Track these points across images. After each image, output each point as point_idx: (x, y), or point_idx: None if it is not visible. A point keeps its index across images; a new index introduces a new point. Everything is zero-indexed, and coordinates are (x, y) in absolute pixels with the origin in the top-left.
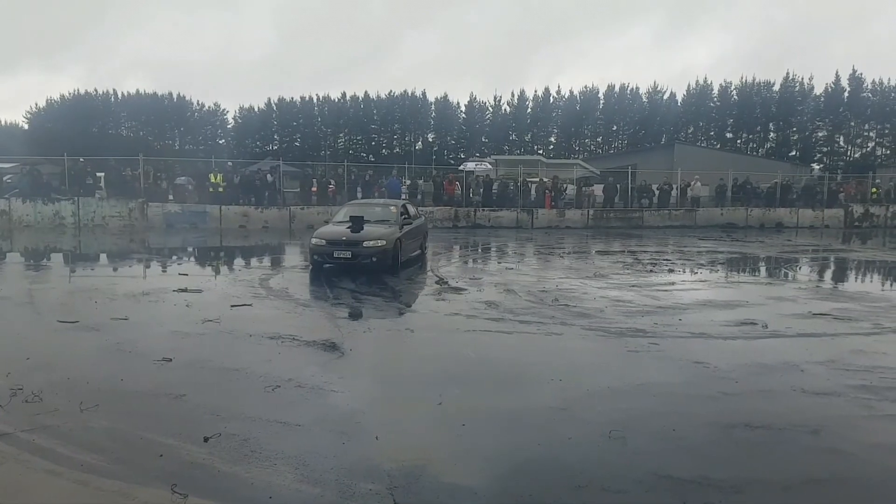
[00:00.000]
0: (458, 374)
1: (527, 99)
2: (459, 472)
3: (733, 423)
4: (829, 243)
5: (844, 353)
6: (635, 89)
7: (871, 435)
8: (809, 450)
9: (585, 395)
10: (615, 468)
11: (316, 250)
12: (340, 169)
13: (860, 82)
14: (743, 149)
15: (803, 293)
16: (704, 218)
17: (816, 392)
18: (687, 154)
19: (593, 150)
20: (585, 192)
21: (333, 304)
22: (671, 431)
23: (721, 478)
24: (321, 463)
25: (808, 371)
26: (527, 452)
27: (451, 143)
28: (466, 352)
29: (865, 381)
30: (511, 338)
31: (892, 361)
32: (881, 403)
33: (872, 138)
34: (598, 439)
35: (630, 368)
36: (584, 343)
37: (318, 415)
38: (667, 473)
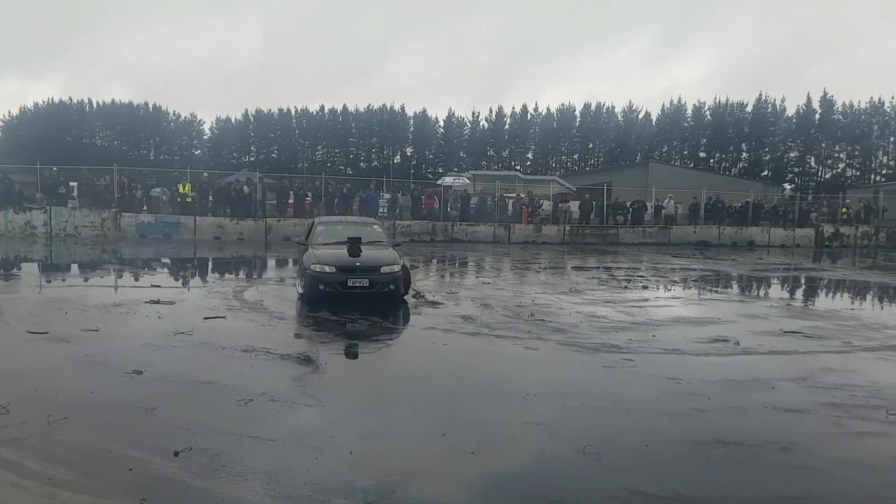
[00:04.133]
0: (433, 388)
1: (505, 115)
2: (434, 487)
3: (705, 440)
4: (800, 262)
5: (815, 371)
6: (611, 108)
7: (841, 452)
8: (780, 467)
9: (560, 411)
10: (589, 484)
11: (323, 279)
12: (318, 181)
13: (831, 105)
14: (716, 168)
15: (775, 311)
16: (678, 235)
17: (787, 409)
18: (661, 172)
19: (570, 166)
20: (562, 209)
21: (308, 317)
22: (644, 447)
23: (693, 494)
24: (293, 478)
25: (779, 388)
26: (502, 468)
27: (430, 157)
28: (442, 366)
29: (835, 399)
30: (487, 353)
31: (861, 379)
32: (851, 421)
33: (843, 159)
34: (573, 455)
35: (604, 384)
36: (560, 358)
37: (292, 429)
38: (640, 489)
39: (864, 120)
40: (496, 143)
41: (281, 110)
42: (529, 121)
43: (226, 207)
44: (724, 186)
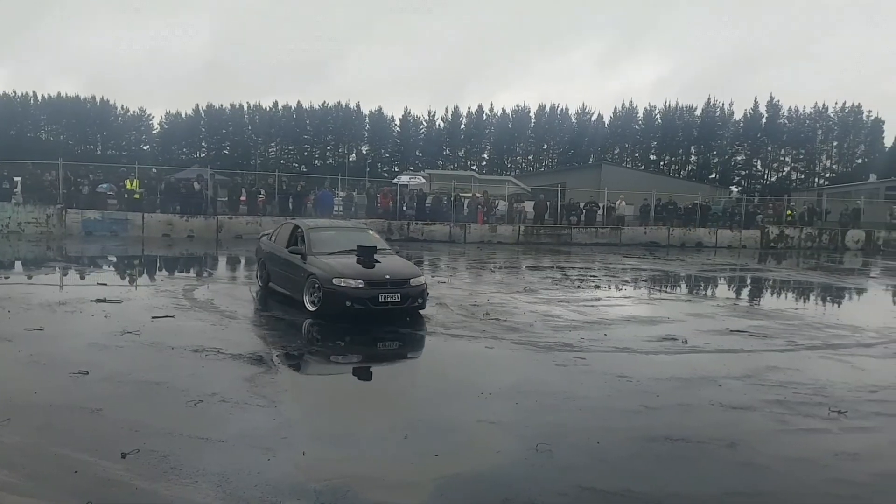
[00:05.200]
0: (388, 387)
1: (461, 115)
2: (388, 487)
3: (654, 437)
4: (746, 263)
5: (760, 369)
6: (565, 110)
7: (784, 448)
8: (726, 463)
9: (514, 409)
10: (541, 481)
11: (351, 295)
12: (271, 179)
13: (777, 109)
14: (666, 170)
15: (721, 310)
16: (629, 236)
17: (733, 406)
18: (613, 174)
19: (525, 167)
20: (517, 209)
21: (260, 316)
22: (596, 444)
23: (643, 490)
24: (245, 480)
25: (726, 386)
26: (456, 467)
27: (386, 156)
28: (398, 366)
29: (780, 397)
30: (443, 352)
31: (804, 377)
32: (794, 418)
33: (788, 163)
34: (526, 453)
35: (558, 382)
36: (515, 357)
37: (243, 430)
38: (591, 486)
39: (809, 125)
40: (452, 142)
41: (233, 106)
42: (485, 121)
43: (175, 204)
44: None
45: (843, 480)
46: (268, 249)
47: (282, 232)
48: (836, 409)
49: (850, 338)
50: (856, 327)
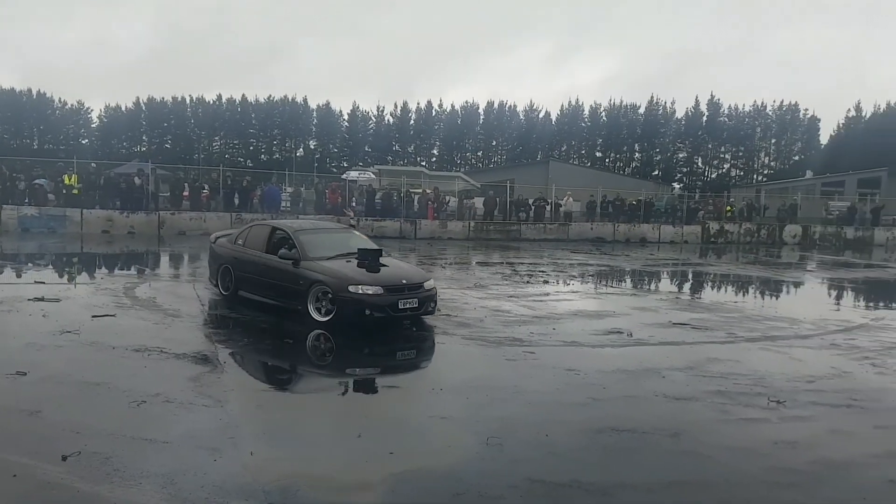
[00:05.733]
0: (336, 384)
1: (410, 111)
2: (338, 485)
3: (602, 428)
4: (688, 258)
5: (702, 361)
6: (513, 107)
7: (726, 438)
8: (671, 453)
9: (465, 404)
10: (492, 475)
11: (371, 303)
12: (215, 173)
13: (718, 107)
14: (611, 167)
15: (664, 304)
16: (576, 232)
17: (677, 397)
18: (561, 171)
19: (474, 163)
20: (467, 205)
21: (205, 313)
22: (545, 437)
23: (591, 481)
24: (191, 481)
25: (669, 377)
26: (407, 462)
27: (334, 151)
28: (349, 362)
29: (721, 387)
30: (389, 347)
31: (744, 368)
32: (735, 408)
33: (728, 160)
34: (477, 447)
35: (508, 377)
36: (465, 352)
37: (188, 431)
38: (540, 478)
39: (748, 122)
40: (401, 138)
41: (175, 99)
42: (434, 117)
43: (115, 200)
44: (618, 185)
45: (783, 468)
46: (234, 254)
47: (253, 235)
48: (775, 399)
49: (788, 330)
50: (793, 319)
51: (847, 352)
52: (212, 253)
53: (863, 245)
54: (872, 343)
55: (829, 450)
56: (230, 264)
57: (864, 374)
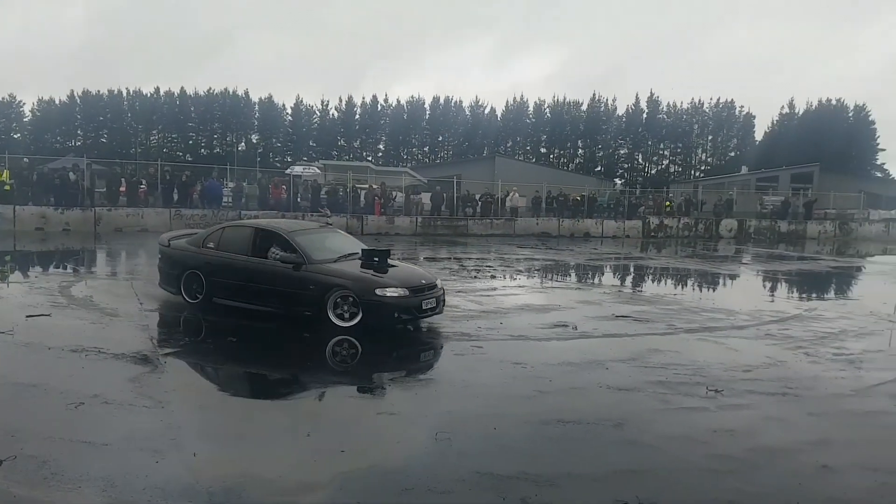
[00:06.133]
0: (278, 381)
1: (355, 105)
2: (286, 485)
3: (548, 420)
4: (630, 252)
5: (643, 352)
6: (459, 102)
7: (667, 427)
8: (614, 442)
9: (413, 399)
10: (441, 469)
11: (400, 305)
12: (153, 168)
13: (657, 105)
14: (556, 163)
15: (607, 297)
16: (522, 227)
17: (620, 388)
18: (506, 166)
19: (421, 158)
20: (414, 200)
21: (144, 312)
22: (493, 430)
23: (538, 472)
24: (132, 484)
25: (613, 369)
26: (356, 459)
27: (277, 145)
28: (294, 360)
29: (662, 378)
30: (342, 344)
31: (683, 359)
32: (675, 397)
33: (666, 156)
34: (426, 442)
35: (456, 371)
36: (413, 348)
37: (128, 432)
38: (488, 471)
39: (686, 119)
40: (347, 133)
41: (111, 92)
42: (380, 112)
43: (49, 196)
44: (563, 181)
45: (721, 456)
46: (204, 259)
47: (228, 237)
48: (714, 388)
49: (725, 321)
50: (730, 311)
51: (781, 341)
52: (167, 257)
53: (796, 238)
54: (805, 333)
55: (765, 437)
56: (199, 269)
57: (798, 363)
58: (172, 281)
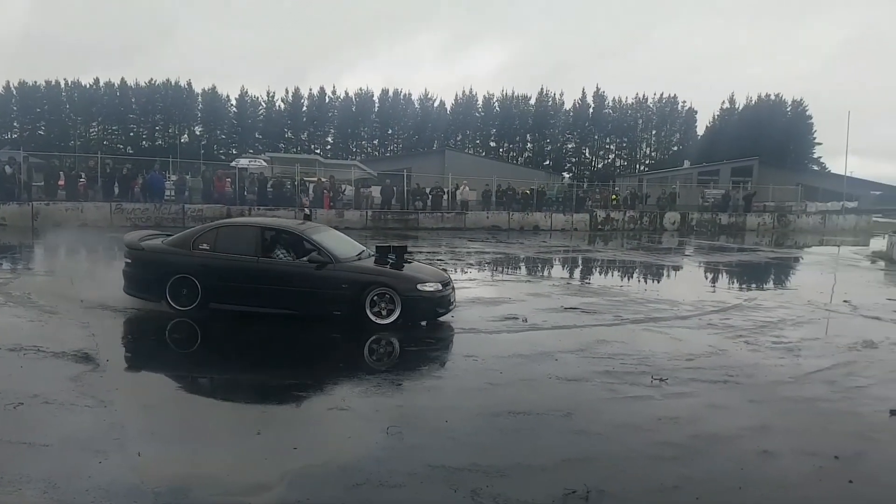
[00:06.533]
0: (225, 379)
1: (302, 97)
2: (235, 484)
3: (499, 412)
4: (578, 245)
5: (591, 343)
6: (408, 95)
7: (614, 416)
8: (564, 432)
9: (363, 394)
10: (392, 463)
11: (435, 300)
12: (93, 161)
13: (603, 99)
14: (505, 157)
15: (556, 289)
16: (473, 221)
17: (568, 379)
18: (456, 160)
19: (370, 151)
20: (364, 194)
21: (85, 310)
22: (444, 423)
23: (489, 464)
24: (74, 485)
25: (562, 360)
26: (305, 455)
27: (222, 137)
28: (233, 355)
29: (609, 368)
30: (286, 339)
31: (630, 349)
32: (622, 387)
33: (612, 150)
34: (377, 436)
35: (406, 365)
36: (362, 342)
37: (70, 433)
38: (440, 464)
39: (631, 114)
40: (294, 125)
41: (49, 82)
42: (328, 104)
43: None
44: (512, 175)
45: (666, 443)
46: (199, 262)
47: (226, 238)
48: (658, 377)
49: (669, 311)
50: (674, 302)
51: (723, 331)
52: (143, 261)
53: (736, 230)
54: (745, 322)
55: (708, 424)
56: (192, 274)
57: (739, 351)
58: (152, 287)
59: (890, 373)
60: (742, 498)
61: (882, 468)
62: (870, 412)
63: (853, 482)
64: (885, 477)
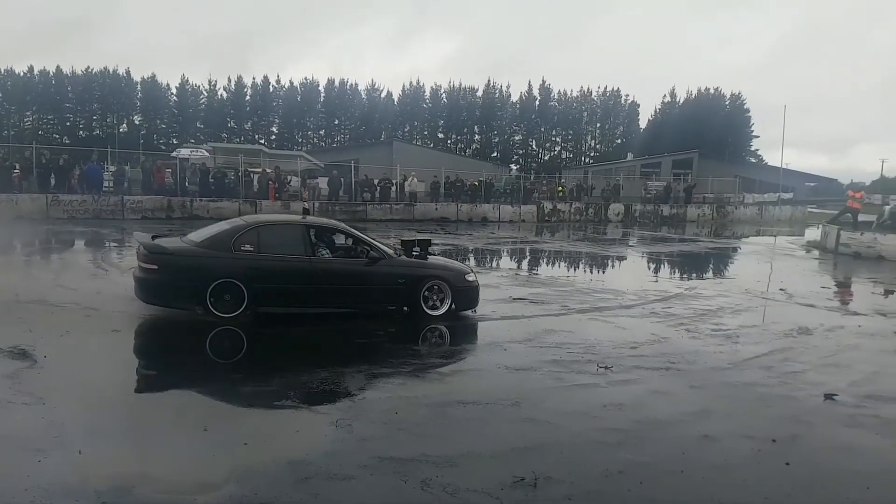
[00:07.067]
0: (168, 376)
1: (245, 86)
2: (177, 481)
3: (448, 402)
4: (525, 236)
5: (539, 333)
6: (354, 85)
7: (561, 403)
8: (512, 421)
9: (310, 387)
10: (342, 456)
11: (477, 289)
12: (28, 151)
13: (549, 92)
14: (453, 149)
15: (505, 280)
16: (421, 212)
17: (517, 368)
18: (404, 151)
19: (317, 142)
20: (310, 185)
21: (19, 303)
22: (394, 415)
23: (438, 454)
24: (12, 485)
25: (510, 350)
26: (252, 451)
27: (162, 127)
28: (175, 350)
29: (556, 356)
30: (236, 334)
31: (576, 338)
32: (569, 375)
33: (558, 143)
34: (326, 429)
35: (356, 358)
36: (310, 336)
37: (7, 431)
38: (389, 455)
39: (576, 107)
40: (237, 114)
41: None
42: (272, 93)
43: None
44: (460, 166)
45: (611, 429)
46: (247, 264)
47: (270, 238)
48: (604, 365)
49: (614, 301)
50: (618, 291)
51: (665, 319)
52: (180, 266)
53: (677, 221)
54: (686, 310)
55: (651, 410)
56: (237, 277)
57: (680, 338)
58: (186, 294)
59: (824, 358)
60: (684, 481)
61: (817, 450)
62: (805, 396)
63: (790, 464)
64: (819, 458)
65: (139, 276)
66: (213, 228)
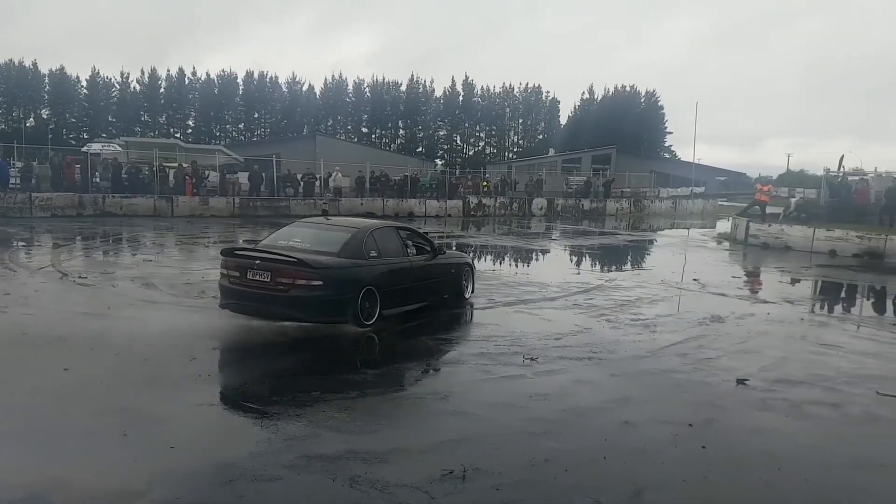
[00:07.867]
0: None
1: (160, 78)
2: (104, 485)
3: (376, 398)
4: (452, 230)
5: (466, 327)
6: (275, 78)
7: (488, 395)
8: (440, 414)
9: (239, 386)
10: (267, 456)
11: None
12: None
13: (472, 88)
14: (378, 143)
15: None
16: (347, 207)
17: (445, 362)
18: (328, 145)
19: (236, 136)
20: (230, 180)
21: None
22: (322, 413)
23: (367, 450)
24: None
25: (437, 346)
26: (178, 455)
27: (72, 121)
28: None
29: (483, 349)
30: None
31: (503, 331)
32: (496, 367)
33: (483, 138)
34: (252, 429)
35: (282, 356)
36: (236, 334)
37: None
38: (317, 454)
39: (499, 103)
40: (151, 108)
41: None
42: (188, 86)
43: None
44: (385, 161)
45: (537, 419)
46: (379, 270)
47: (384, 243)
48: (530, 356)
49: (538, 293)
50: (542, 284)
51: (587, 310)
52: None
53: (597, 215)
54: (607, 301)
55: (575, 399)
56: (374, 284)
57: (602, 329)
58: (342, 306)
59: (735, 345)
60: (607, 467)
61: (730, 433)
62: (718, 381)
63: (706, 447)
64: (733, 441)
65: (300, 294)
66: (320, 234)
